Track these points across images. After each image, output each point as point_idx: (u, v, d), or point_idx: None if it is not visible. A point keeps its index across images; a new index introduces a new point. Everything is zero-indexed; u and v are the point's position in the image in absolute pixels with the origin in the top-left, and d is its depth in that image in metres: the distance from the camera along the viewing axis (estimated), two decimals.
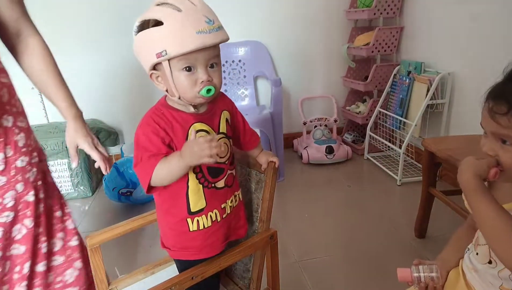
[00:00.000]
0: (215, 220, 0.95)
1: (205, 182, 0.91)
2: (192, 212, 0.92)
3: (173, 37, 0.77)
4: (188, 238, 0.94)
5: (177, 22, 0.76)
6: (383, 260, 1.62)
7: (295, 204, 2.20)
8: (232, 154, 0.98)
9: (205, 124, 0.90)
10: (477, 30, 2.00)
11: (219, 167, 0.93)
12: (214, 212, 0.94)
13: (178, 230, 0.94)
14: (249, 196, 1.11)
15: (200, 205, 0.92)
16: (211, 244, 0.95)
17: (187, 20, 0.77)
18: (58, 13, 2.49)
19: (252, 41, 2.76)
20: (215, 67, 0.84)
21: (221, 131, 0.93)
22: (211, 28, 0.78)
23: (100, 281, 1.10)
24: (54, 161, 2.33)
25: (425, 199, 1.72)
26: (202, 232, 0.94)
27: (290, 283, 1.52)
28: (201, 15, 0.78)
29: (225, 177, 0.95)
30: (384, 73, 2.66)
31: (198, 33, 0.76)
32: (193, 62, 0.81)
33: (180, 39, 0.77)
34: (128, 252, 1.80)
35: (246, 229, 1.06)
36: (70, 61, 2.59)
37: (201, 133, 0.88)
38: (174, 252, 0.97)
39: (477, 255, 0.76)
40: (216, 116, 0.93)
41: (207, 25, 0.78)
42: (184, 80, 0.82)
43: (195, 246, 0.95)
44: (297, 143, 2.94)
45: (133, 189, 2.20)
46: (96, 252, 1.06)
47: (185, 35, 0.77)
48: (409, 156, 2.46)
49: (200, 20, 0.77)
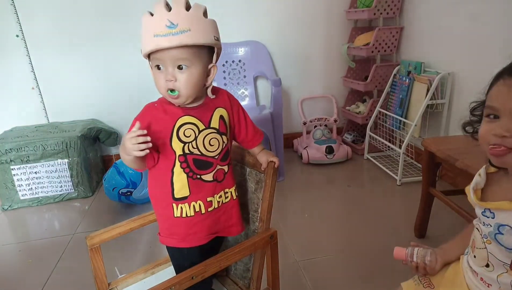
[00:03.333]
0: (198, 211, 0.98)
1: (189, 172, 0.95)
2: (175, 198, 0.96)
3: (142, 38, 0.88)
4: (174, 224, 0.99)
5: (145, 25, 0.87)
6: (383, 260, 1.62)
7: (295, 204, 2.20)
8: (226, 150, 1.01)
9: (194, 117, 0.94)
10: (477, 30, 2.00)
11: (206, 160, 0.96)
12: (198, 203, 0.97)
13: (166, 215, 0.99)
14: (249, 196, 1.11)
15: (183, 193, 0.96)
16: (194, 234, 0.99)
17: (151, 23, 0.86)
18: (59, 13, 2.50)
19: (252, 41, 2.76)
20: (183, 69, 0.89)
21: (212, 126, 0.97)
22: (169, 32, 0.84)
23: (100, 281, 1.10)
24: (54, 161, 2.34)
25: (425, 199, 1.72)
26: (186, 220, 0.98)
27: (290, 283, 1.52)
28: (165, 19, 0.84)
29: (214, 171, 0.98)
30: (384, 73, 2.66)
31: (156, 36, 0.85)
32: (161, 62, 0.89)
33: (143, 40, 0.88)
34: (128, 252, 1.80)
35: (240, 228, 1.07)
36: (70, 60, 2.61)
37: (188, 125, 0.93)
38: (162, 237, 1.02)
39: (475, 257, 0.76)
40: (208, 111, 0.97)
41: (166, 29, 0.84)
42: (156, 77, 0.91)
43: (180, 232, 0.99)
44: (297, 143, 2.94)
45: (133, 189, 2.20)
46: (96, 252, 1.06)
47: (146, 37, 0.87)
48: (409, 156, 2.46)
49: (161, 24, 0.84)
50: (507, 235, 0.67)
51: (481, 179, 0.76)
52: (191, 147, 0.94)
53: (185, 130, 0.93)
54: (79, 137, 2.34)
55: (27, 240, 2.02)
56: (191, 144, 0.94)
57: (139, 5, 2.52)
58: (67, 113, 2.69)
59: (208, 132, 0.96)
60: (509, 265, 0.68)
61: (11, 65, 2.51)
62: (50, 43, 2.54)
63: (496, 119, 0.66)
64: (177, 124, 0.92)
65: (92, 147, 2.57)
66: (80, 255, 1.78)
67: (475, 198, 0.74)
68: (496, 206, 0.69)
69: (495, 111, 0.66)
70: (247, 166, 1.12)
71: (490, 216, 0.70)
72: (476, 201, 0.74)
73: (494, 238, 0.69)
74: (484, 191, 0.75)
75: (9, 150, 2.26)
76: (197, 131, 0.94)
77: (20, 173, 2.31)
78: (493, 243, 0.70)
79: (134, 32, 2.34)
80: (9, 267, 1.78)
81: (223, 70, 2.75)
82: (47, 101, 2.65)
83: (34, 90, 2.60)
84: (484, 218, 0.71)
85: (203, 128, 0.95)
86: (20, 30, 2.47)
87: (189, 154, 0.94)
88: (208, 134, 0.95)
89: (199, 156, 0.95)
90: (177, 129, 0.92)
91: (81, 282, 1.60)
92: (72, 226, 2.10)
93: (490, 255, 0.72)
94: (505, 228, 0.67)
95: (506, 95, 0.64)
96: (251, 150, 1.09)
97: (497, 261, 0.70)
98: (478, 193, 0.75)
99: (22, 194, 2.36)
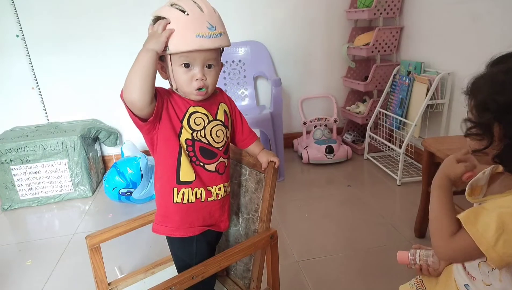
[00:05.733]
0: (199, 198, 0.99)
1: (193, 157, 0.97)
2: (180, 181, 0.97)
3: (176, 37, 0.86)
4: (170, 210, 0.99)
5: (182, 23, 0.86)
6: (383, 260, 1.62)
7: (295, 204, 2.20)
8: (228, 144, 1.05)
9: (203, 108, 0.98)
10: (477, 30, 2.00)
11: (212, 150, 0.99)
12: (200, 189, 0.99)
13: (164, 199, 1.00)
14: (249, 196, 1.11)
15: (189, 177, 0.97)
16: (189, 223, 1.00)
17: (191, 23, 0.86)
18: (59, 13, 2.50)
19: (252, 41, 2.76)
20: (211, 68, 0.93)
21: (218, 118, 1.01)
22: (211, 34, 0.87)
23: (100, 281, 1.10)
24: (54, 161, 2.34)
25: (425, 199, 1.72)
26: (184, 207, 0.98)
27: (290, 283, 1.53)
28: (204, 21, 0.87)
29: (217, 162, 1.00)
30: (384, 73, 2.66)
31: (198, 36, 0.86)
32: (191, 60, 0.90)
33: (181, 39, 0.86)
34: (128, 252, 1.80)
35: (227, 225, 1.09)
36: (71, 60, 2.61)
37: (198, 114, 0.96)
38: (156, 225, 1.02)
39: None
40: (214, 105, 1.01)
41: (208, 30, 0.87)
42: (181, 75, 0.91)
43: (175, 220, 1.00)
44: (297, 143, 2.94)
45: (133, 189, 2.20)
46: (96, 252, 1.06)
47: (186, 36, 0.86)
48: (409, 156, 2.46)
49: (202, 25, 0.86)
50: None
51: (484, 177, 0.78)
52: (199, 135, 0.97)
53: (195, 118, 0.96)
54: (79, 137, 2.34)
55: (27, 240, 2.02)
56: (200, 133, 0.97)
57: (139, 5, 2.54)
58: (67, 113, 2.69)
59: (216, 124, 0.99)
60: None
61: (11, 65, 2.51)
62: (50, 43, 2.54)
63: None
64: (189, 111, 0.95)
65: (92, 147, 2.57)
66: (80, 255, 1.78)
67: (467, 194, 0.77)
68: (481, 201, 0.73)
69: None
70: (247, 166, 1.12)
71: None
72: (467, 196, 0.77)
73: None
74: (482, 189, 0.78)
75: (9, 150, 2.26)
76: (206, 121, 0.98)
77: (20, 173, 2.32)
78: None
79: (134, 32, 2.34)
80: (9, 267, 1.78)
81: (223, 70, 2.74)
82: (47, 101, 2.65)
83: (34, 90, 2.60)
84: None
85: (212, 119, 0.99)
86: (20, 30, 2.47)
87: (197, 140, 0.96)
88: (215, 125, 0.99)
89: (206, 144, 0.98)
90: (188, 116, 0.95)
91: (81, 282, 1.60)
92: (72, 226, 2.10)
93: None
94: None
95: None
96: (252, 151, 1.10)
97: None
98: (477, 189, 0.77)
99: (22, 194, 2.36)
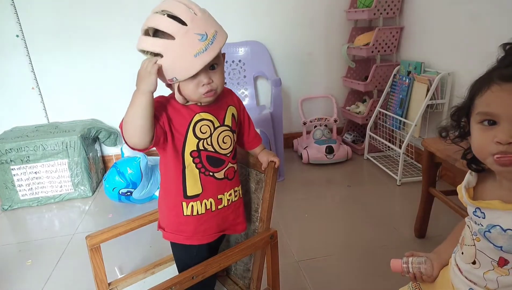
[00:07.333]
0: (209, 209, 0.98)
1: (202, 168, 0.95)
2: (188, 196, 0.95)
3: (178, 67, 0.83)
4: (182, 222, 0.98)
5: (175, 52, 0.81)
6: (383, 260, 1.61)
7: (295, 204, 2.20)
8: (235, 149, 1.01)
9: (210, 114, 0.94)
10: (477, 30, 2.00)
11: (219, 158, 0.96)
12: (209, 200, 0.97)
13: (174, 211, 0.98)
14: (249, 196, 1.11)
15: (196, 191, 0.95)
16: (203, 231, 0.99)
17: (183, 46, 0.81)
18: (59, 13, 2.50)
19: (252, 41, 2.76)
20: (216, 68, 0.89)
21: (225, 123, 0.97)
22: (207, 44, 0.82)
23: (100, 281, 1.10)
24: (54, 161, 2.34)
25: (425, 199, 1.72)
26: (196, 218, 0.97)
27: (290, 283, 1.52)
28: (192, 35, 0.80)
29: (225, 169, 0.98)
30: (384, 73, 2.66)
31: (196, 55, 0.81)
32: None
33: (183, 66, 0.83)
34: (128, 252, 1.80)
35: (244, 227, 1.07)
36: (70, 61, 2.61)
37: (204, 122, 0.93)
38: (167, 233, 1.01)
39: (462, 254, 0.76)
40: (222, 110, 0.97)
41: (201, 43, 0.81)
42: (187, 85, 0.88)
43: (189, 230, 0.98)
44: (297, 143, 2.94)
45: (133, 189, 2.20)
46: (96, 252, 1.06)
47: (185, 62, 0.82)
48: (409, 156, 2.46)
49: (193, 42, 0.81)
50: (496, 234, 0.67)
51: (473, 178, 0.75)
52: (205, 144, 0.94)
53: (201, 126, 0.92)
54: (79, 137, 2.34)
55: (27, 240, 2.02)
56: (206, 141, 0.94)
57: (140, 5, 2.53)
58: (67, 113, 2.69)
59: (223, 130, 0.96)
60: (497, 261, 0.69)
61: (11, 65, 2.51)
62: (50, 43, 2.54)
63: (493, 125, 0.64)
64: (194, 120, 0.92)
65: (92, 147, 2.57)
66: (80, 255, 1.78)
67: (467, 197, 0.74)
68: (487, 205, 0.69)
69: (493, 117, 0.64)
70: (247, 166, 1.12)
71: (481, 216, 0.70)
72: (469, 199, 0.73)
73: (484, 235, 0.69)
74: (475, 190, 0.75)
75: (9, 150, 2.26)
76: (212, 128, 0.94)
77: (20, 173, 2.31)
78: (482, 241, 0.70)
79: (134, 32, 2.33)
80: (9, 267, 1.78)
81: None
82: (47, 101, 2.65)
83: (34, 90, 2.59)
84: (475, 218, 0.72)
85: (218, 125, 0.96)
86: (20, 30, 2.47)
87: (203, 150, 0.93)
88: (222, 131, 0.96)
89: (213, 153, 0.95)
90: (193, 125, 0.92)
91: (81, 282, 1.60)
92: (72, 226, 2.10)
93: (478, 252, 0.72)
94: (496, 228, 0.67)
95: (507, 101, 0.62)
96: (253, 151, 1.10)
97: (485, 258, 0.70)
98: (470, 191, 0.75)
99: (22, 194, 2.36)
